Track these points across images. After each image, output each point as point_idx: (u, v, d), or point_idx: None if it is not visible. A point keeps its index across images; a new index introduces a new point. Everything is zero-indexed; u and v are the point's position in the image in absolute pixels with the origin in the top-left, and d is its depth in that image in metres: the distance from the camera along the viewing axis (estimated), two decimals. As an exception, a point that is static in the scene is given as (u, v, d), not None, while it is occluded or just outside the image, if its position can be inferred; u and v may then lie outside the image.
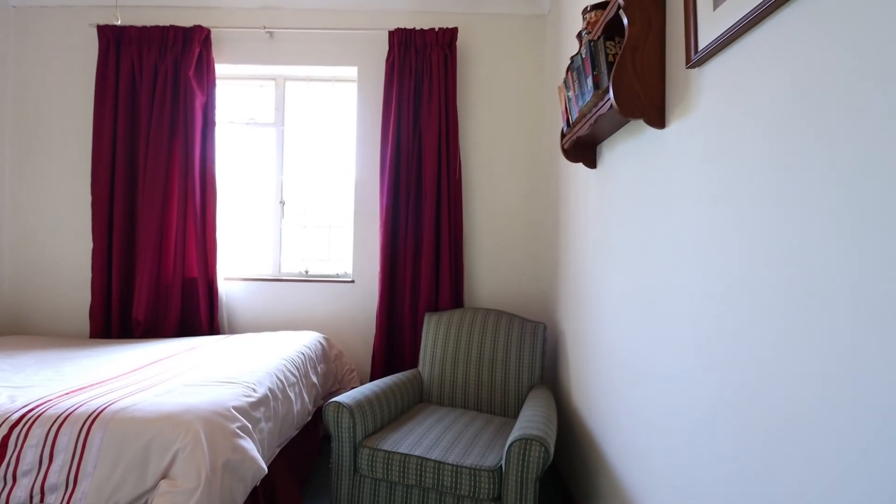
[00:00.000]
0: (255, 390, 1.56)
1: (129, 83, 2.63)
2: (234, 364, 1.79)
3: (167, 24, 2.64)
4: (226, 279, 2.74)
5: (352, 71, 2.79)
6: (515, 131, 2.72)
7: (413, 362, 2.55)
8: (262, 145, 2.92)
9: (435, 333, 2.32)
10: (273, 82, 2.90)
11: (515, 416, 2.07)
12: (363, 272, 2.73)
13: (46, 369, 1.80)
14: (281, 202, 2.88)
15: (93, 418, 1.28)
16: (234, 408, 1.40)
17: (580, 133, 1.53)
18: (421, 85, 2.61)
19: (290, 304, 2.75)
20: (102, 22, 2.68)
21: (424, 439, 1.70)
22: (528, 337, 2.18)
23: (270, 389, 1.65)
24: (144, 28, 2.62)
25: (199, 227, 2.61)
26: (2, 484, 1.22)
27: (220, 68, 2.76)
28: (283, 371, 1.82)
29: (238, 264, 2.87)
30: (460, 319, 2.32)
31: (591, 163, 1.75)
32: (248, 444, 1.36)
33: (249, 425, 1.43)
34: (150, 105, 2.61)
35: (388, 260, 2.57)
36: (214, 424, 1.30)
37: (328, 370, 2.34)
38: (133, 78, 2.63)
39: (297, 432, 1.87)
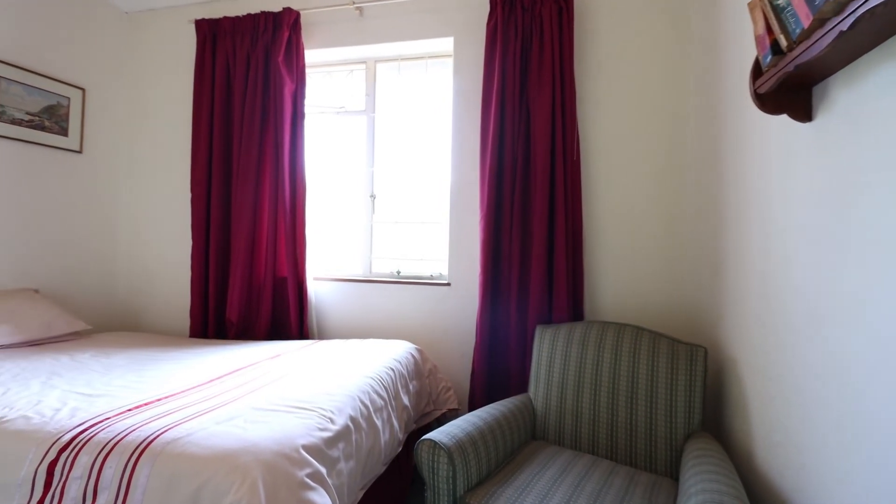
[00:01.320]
0: (332, 420, 1.23)
1: (225, 77, 2.55)
2: (313, 382, 1.50)
3: (258, 11, 2.51)
4: (315, 279, 2.54)
5: (447, 43, 2.44)
6: (651, 97, 2.15)
7: (521, 384, 2.10)
8: (352, 135, 2.70)
9: (550, 351, 1.86)
10: (363, 65, 2.66)
11: (669, 475, 1.53)
12: (461, 274, 2.35)
13: (130, 373, 1.67)
14: (371, 196, 2.62)
15: (141, 449, 1.04)
16: (305, 447, 1.08)
17: (801, 60, 0.97)
18: (529, 50, 2.17)
19: (380, 308, 2.47)
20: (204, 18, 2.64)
21: (550, 501, 1.25)
22: (681, 365, 1.62)
23: (352, 418, 1.32)
24: (237, 18, 2.53)
25: (288, 224, 2.44)
26: (45, 521, 1.03)
27: (310, 56, 2.58)
28: (369, 393, 1.49)
29: (327, 263, 2.67)
30: (584, 335, 1.82)
31: (803, 113, 1.16)
32: (321, 499, 1.03)
33: (323, 470, 1.10)
34: (243, 98, 2.50)
35: (491, 260, 2.16)
36: (278, 472, 0.99)
37: (421, 388, 1.99)
38: (228, 71, 2.55)
39: (385, 468, 1.53)
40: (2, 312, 2.03)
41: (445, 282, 2.39)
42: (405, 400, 1.76)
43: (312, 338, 2.47)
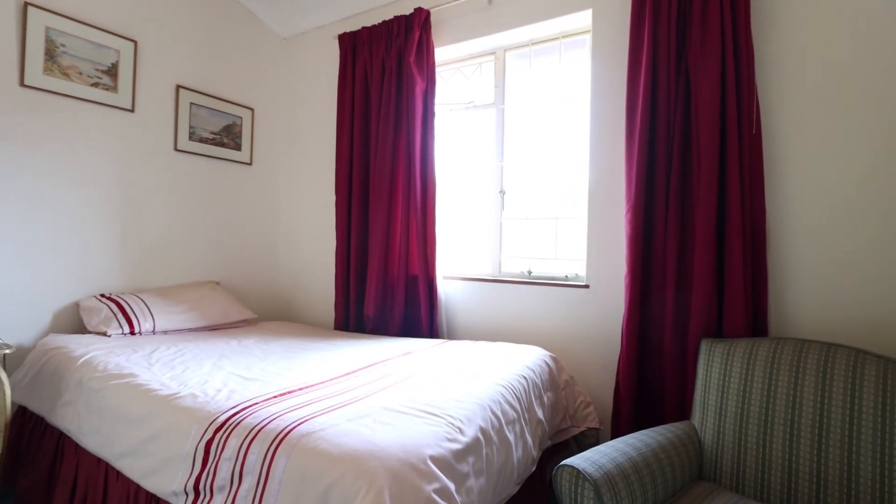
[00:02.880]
0: (461, 431, 1.13)
1: (363, 85, 2.68)
2: (442, 385, 1.42)
3: (392, 16, 2.58)
4: (445, 278, 2.51)
5: (584, 18, 2.19)
6: (865, 55, 1.61)
7: (679, 408, 1.76)
8: (480, 130, 2.61)
9: (723, 372, 1.50)
10: (492, 57, 2.56)
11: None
12: (602, 275, 2.08)
13: (282, 360, 1.81)
14: (501, 192, 2.50)
15: (280, 439, 1.06)
16: (433, 458, 0.99)
17: None
18: (688, 9, 1.81)
19: (509, 310, 2.33)
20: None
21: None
22: (939, 406, 1.14)
23: (482, 430, 1.20)
24: (374, 27, 2.63)
25: (419, 223, 2.45)
26: (205, 495, 1.11)
27: (439, 54, 2.57)
28: (500, 402, 1.36)
29: (457, 262, 2.62)
30: (772, 355, 1.42)
31: None
32: (448, 519, 0.92)
33: (452, 486, 0.99)
34: (379, 102, 2.59)
35: (640, 259, 1.86)
36: (404, 483, 0.91)
37: (556, 400, 1.79)
38: (366, 79, 2.68)
39: (518, 489, 1.38)
40: (192, 300, 2.40)
41: (583, 283, 2.14)
42: (539, 413, 1.58)
43: (442, 337, 2.43)
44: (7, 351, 1.53)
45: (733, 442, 1.41)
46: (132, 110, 2.35)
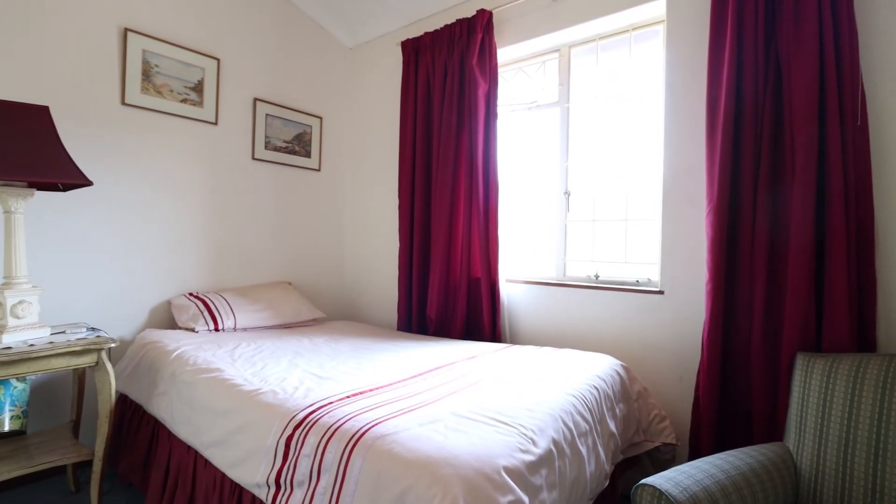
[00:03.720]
0: (534, 442, 1.10)
1: (425, 90, 2.71)
2: (510, 392, 1.40)
3: (454, 20, 2.58)
4: (507, 281, 2.48)
5: (657, 8, 2.07)
6: None
7: (770, 428, 1.61)
8: (544, 130, 2.55)
9: (823, 391, 1.35)
10: (556, 54, 2.49)
11: None
12: (678, 280, 1.95)
13: (351, 360, 1.86)
14: (565, 193, 2.42)
15: (356, 438, 1.09)
16: (506, 469, 0.97)
17: None
18: (781, -11, 1.66)
19: (575, 316, 2.25)
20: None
21: None
22: None
23: (555, 441, 1.16)
24: (436, 32, 2.65)
25: (481, 225, 2.43)
26: (285, 489, 1.16)
27: (502, 54, 2.54)
28: (572, 413, 1.31)
29: (519, 265, 2.58)
30: (885, 374, 1.26)
31: None
32: (523, 534, 0.90)
33: (526, 499, 0.97)
34: (441, 106, 2.61)
35: (723, 264, 1.72)
36: (479, 494, 0.90)
37: (629, 412, 1.70)
38: (428, 83, 2.70)
39: (589, 504, 1.33)
40: (267, 300, 2.55)
41: (657, 289, 2.02)
42: (611, 425, 1.51)
43: (505, 341, 2.40)
44: (112, 345, 1.70)
45: (836, 469, 1.27)
46: (215, 123, 2.54)
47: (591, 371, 1.64)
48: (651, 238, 2.15)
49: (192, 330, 2.18)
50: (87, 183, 1.66)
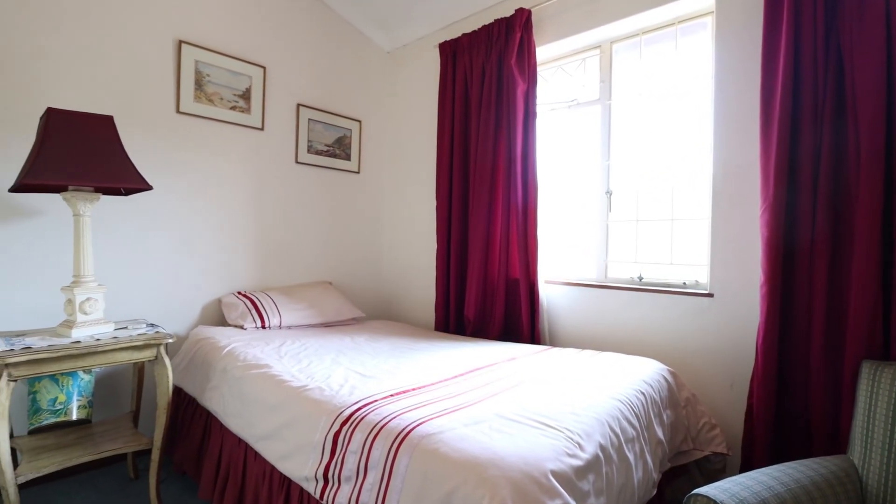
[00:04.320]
0: (580, 446, 1.08)
1: (463, 91, 2.71)
2: (554, 395, 1.38)
3: (492, 20, 2.57)
4: (547, 282, 2.45)
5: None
6: None
7: (832, 439, 1.52)
8: (584, 128, 2.50)
9: (892, 401, 1.26)
10: (597, 51, 2.44)
11: None
12: (729, 282, 1.87)
13: (392, 360, 1.89)
14: (607, 192, 2.37)
15: (402, 437, 1.10)
16: (554, 473, 0.96)
17: None
18: (844, -27, 1.56)
19: (617, 318, 2.20)
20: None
21: None
22: None
23: (602, 447, 1.14)
24: (473, 33, 2.65)
25: (520, 225, 2.42)
26: (333, 483, 1.19)
27: (541, 53, 2.52)
28: (619, 419, 1.28)
29: (559, 266, 2.54)
30: (969, 386, 1.16)
31: None
32: (572, 539, 0.88)
33: (573, 504, 0.95)
34: (479, 107, 2.61)
35: (780, 266, 1.63)
36: (527, 496, 0.89)
37: (676, 420, 1.64)
38: (465, 84, 2.71)
39: (636, 512, 1.29)
40: (309, 299, 2.62)
41: (705, 291, 1.95)
42: (659, 433, 1.46)
43: (544, 343, 2.37)
44: (170, 340, 1.79)
45: (912, 487, 1.18)
46: (262, 129, 2.64)
47: (637, 375, 1.59)
48: (698, 239, 2.07)
49: (241, 327, 2.27)
50: (148, 187, 1.76)
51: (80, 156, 1.64)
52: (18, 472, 1.52)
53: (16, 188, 1.64)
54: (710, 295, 1.91)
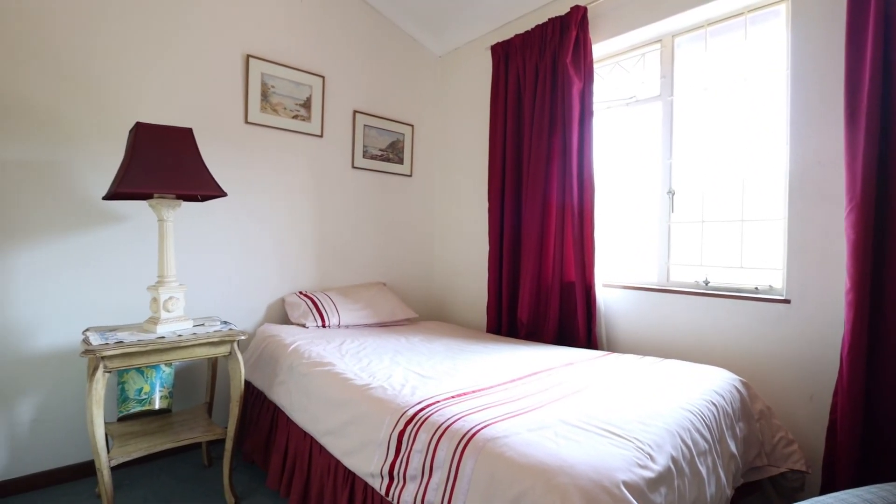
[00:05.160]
0: (651, 458, 1.05)
1: (515, 92, 2.70)
2: (620, 403, 1.34)
3: (545, 19, 2.54)
4: (604, 285, 2.39)
5: (783, -15, 1.87)
6: None
7: (934, 462, 1.38)
8: (644, 126, 2.42)
9: None
10: (657, 45, 2.35)
11: None
12: (808, 287, 1.75)
13: (447, 361, 1.91)
14: (669, 192, 2.28)
15: (467, 439, 1.12)
16: (625, 484, 0.94)
17: None
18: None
19: (681, 324, 2.11)
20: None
21: None
22: None
23: (673, 459, 1.10)
24: (526, 33, 2.63)
25: (576, 227, 2.37)
26: (398, 481, 1.23)
27: (597, 50, 2.46)
28: (690, 430, 1.23)
29: (617, 269, 2.47)
30: None
31: None
32: (647, 553, 0.86)
33: (646, 516, 0.93)
34: (532, 108, 2.58)
35: (868, 271, 1.50)
36: (598, 505, 0.88)
37: (749, 433, 1.55)
38: (518, 85, 2.69)
39: (709, 528, 1.23)
40: (365, 299, 2.70)
41: (781, 297, 1.83)
42: (731, 446, 1.39)
43: (601, 348, 2.32)
44: (242, 337, 1.91)
45: None
46: (321, 135, 2.75)
47: (706, 385, 1.52)
48: (772, 241, 1.95)
49: (303, 325, 2.38)
50: (223, 194, 1.88)
51: (164, 166, 1.78)
52: (111, 455, 1.67)
53: (109, 196, 1.81)
54: (786, 301, 1.79)
